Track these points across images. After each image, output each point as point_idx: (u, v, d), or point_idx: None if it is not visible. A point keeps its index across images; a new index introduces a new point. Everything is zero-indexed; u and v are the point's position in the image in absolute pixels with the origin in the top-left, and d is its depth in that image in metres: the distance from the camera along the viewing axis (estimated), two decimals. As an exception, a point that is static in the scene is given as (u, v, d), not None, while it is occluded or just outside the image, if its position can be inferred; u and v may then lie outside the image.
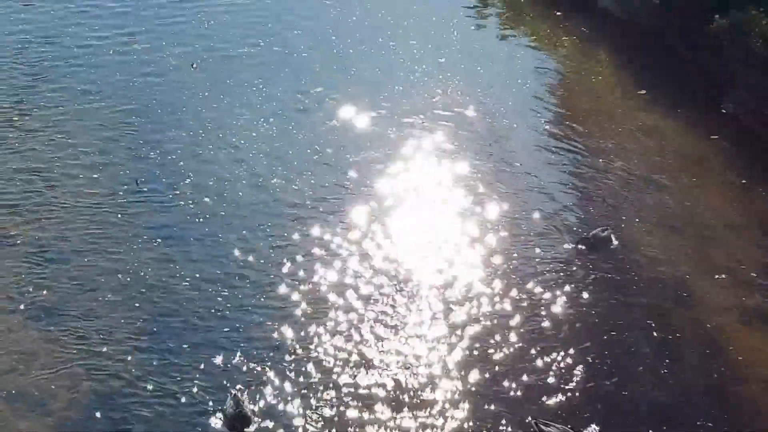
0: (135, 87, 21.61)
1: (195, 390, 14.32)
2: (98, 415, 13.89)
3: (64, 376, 14.51)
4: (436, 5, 25.91)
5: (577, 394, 14.73)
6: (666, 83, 22.68)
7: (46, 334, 15.17)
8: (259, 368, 14.72)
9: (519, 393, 14.67)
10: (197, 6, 25.15)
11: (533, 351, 15.40)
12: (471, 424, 14.13)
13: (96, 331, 15.27)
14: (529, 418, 14.12)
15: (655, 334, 15.89)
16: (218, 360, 14.79)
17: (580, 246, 17.60)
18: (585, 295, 16.61)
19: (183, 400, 14.15)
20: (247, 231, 17.52)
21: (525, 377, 14.92)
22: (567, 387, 14.82)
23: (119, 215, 17.75)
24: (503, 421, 14.18)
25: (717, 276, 17.08)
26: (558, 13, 25.56)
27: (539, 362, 15.18)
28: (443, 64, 23.05)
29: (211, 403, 14.10)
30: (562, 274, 17.03)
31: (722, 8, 22.25)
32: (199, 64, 22.65)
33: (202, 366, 14.71)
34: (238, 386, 14.37)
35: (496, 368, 15.04)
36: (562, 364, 15.18)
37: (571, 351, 15.42)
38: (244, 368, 14.74)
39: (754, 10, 21.32)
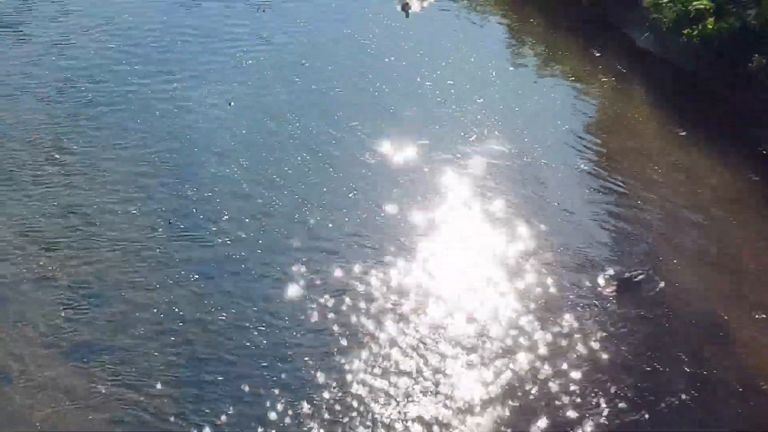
0: (173, 125, 21.82)
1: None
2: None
3: (101, 412, 14.53)
4: (474, 46, 25.95)
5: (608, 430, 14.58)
6: (705, 123, 22.51)
7: (83, 371, 15.23)
8: (293, 407, 14.69)
9: (550, 427, 14.57)
10: (235, 47, 25.37)
11: (565, 386, 15.30)
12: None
13: (132, 368, 15.32)
14: None
15: (689, 371, 15.70)
16: (253, 398, 14.79)
17: (615, 285, 17.48)
18: (619, 332, 16.49)
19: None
20: (284, 268, 17.54)
21: (556, 412, 14.84)
22: (598, 423, 14.67)
23: (157, 251, 17.87)
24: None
25: (756, 315, 16.88)
26: (596, 53, 25.50)
27: (571, 398, 15.06)
28: (481, 103, 23.05)
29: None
30: (596, 312, 16.91)
31: (762, 47, 22.16)
32: (235, 102, 22.83)
33: (236, 405, 14.72)
34: (273, 426, 14.33)
35: (527, 403, 14.96)
36: (593, 401, 15.05)
37: (604, 387, 15.31)
38: (279, 407, 14.70)
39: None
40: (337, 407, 14.71)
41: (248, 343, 15.82)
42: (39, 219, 18.65)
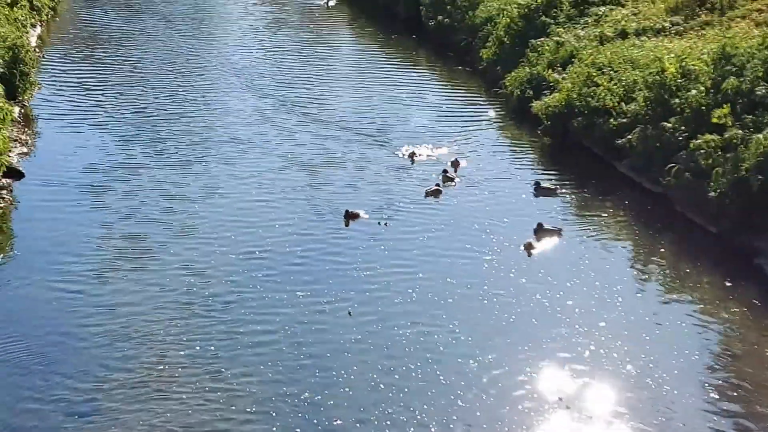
0: (297, 334, 21.86)
1: None
2: None
3: None
4: (599, 272, 25.16)
5: None
6: None
7: None
8: None
9: None
10: (356, 261, 25.39)
11: None
12: None
13: None
14: None
15: None
16: None
17: None
18: None
19: None
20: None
21: None
22: None
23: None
24: None
25: None
26: (726, 282, 24.67)
27: None
28: (604, 327, 22.25)
29: None
30: None
31: None
32: (354, 311, 22.72)
33: None
34: None
35: None
36: None
37: None
38: None
39: None
40: None
41: None
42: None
